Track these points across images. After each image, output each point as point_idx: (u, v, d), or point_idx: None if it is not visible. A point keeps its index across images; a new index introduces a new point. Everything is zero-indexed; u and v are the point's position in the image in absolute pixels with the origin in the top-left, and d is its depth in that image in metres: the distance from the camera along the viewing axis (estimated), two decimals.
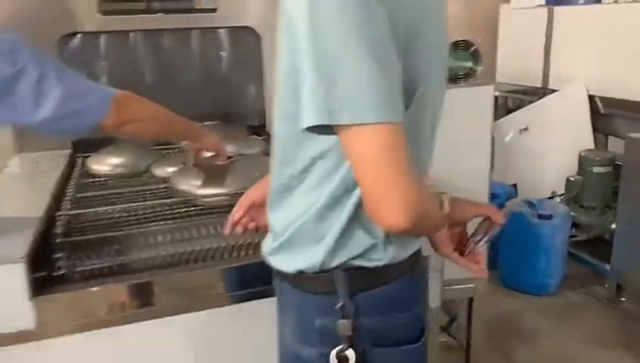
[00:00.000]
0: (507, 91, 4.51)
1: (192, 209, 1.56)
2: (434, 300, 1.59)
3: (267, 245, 1.05)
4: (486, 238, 1.12)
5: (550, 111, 3.98)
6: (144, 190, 1.73)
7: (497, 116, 4.58)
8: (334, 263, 0.94)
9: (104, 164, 1.91)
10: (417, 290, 1.06)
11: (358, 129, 0.78)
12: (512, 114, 4.34)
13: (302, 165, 0.92)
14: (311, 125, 0.80)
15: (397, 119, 0.79)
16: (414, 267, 1.03)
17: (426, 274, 1.18)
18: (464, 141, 1.86)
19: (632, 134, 2.95)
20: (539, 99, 4.15)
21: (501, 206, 3.42)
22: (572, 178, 3.50)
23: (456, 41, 1.74)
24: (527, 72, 4.32)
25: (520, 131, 4.22)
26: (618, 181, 3.15)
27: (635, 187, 2.94)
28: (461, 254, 1.12)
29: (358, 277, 0.95)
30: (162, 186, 1.72)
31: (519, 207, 3.27)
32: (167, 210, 1.56)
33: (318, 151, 0.90)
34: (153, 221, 1.51)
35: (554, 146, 3.89)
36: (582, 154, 3.48)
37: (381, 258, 0.94)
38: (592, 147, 3.67)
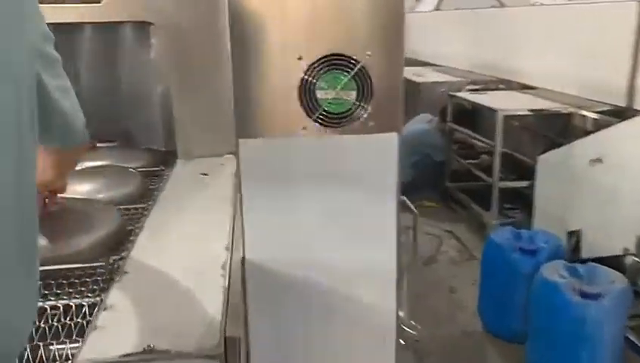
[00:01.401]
0: (579, 107, 3.53)
1: None
2: None
3: None
4: None
5: (628, 140, 2.99)
6: None
7: (570, 140, 3.62)
8: None
9: None
10: None
11: None
12: (583, 139, 3.37)
13: None
14: None
15: None
16: None
17: None
18: (356, 224, 1.09)
19: None
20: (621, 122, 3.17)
21: (537, 266, 2.51)
22: None
23: (327, 56, 0.97)
24: (608, 85, 3.33)
25: (591, 162, 3.26)
26: None
27: None
28: None
29: None
30: None
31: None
32: None
33: None
34: None
35: (630, 186, 2.91)
36: None
37: None
38: None
